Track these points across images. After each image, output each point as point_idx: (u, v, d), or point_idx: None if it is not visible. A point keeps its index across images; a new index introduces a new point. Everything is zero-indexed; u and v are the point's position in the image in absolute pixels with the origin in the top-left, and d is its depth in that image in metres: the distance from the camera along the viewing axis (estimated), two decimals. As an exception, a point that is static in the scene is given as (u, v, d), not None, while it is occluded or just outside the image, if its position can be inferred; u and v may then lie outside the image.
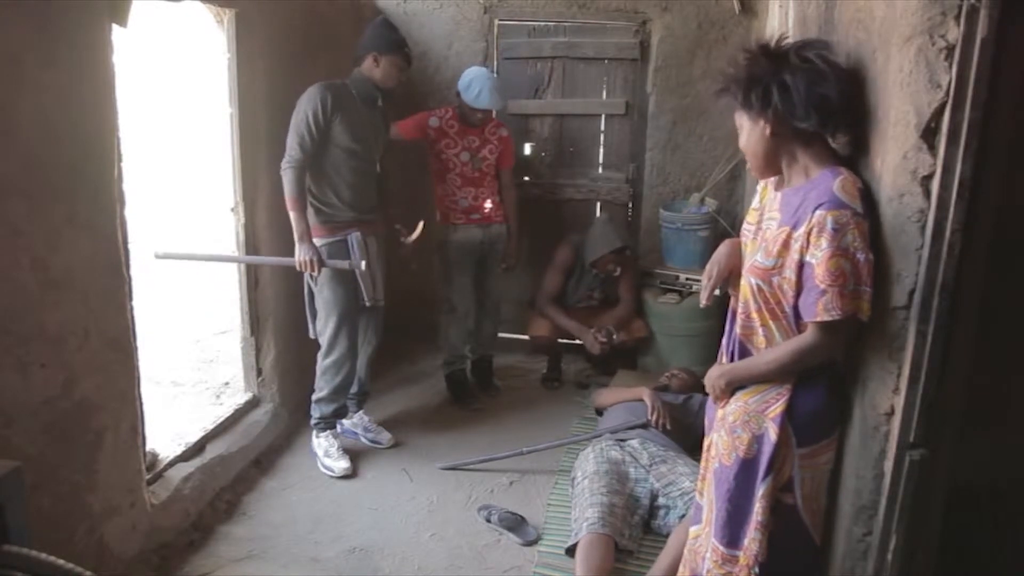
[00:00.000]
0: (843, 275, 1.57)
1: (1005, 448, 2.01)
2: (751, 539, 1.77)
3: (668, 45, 4.11)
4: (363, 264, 3.06)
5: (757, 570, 1.75)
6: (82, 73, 2.09)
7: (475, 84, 3.56)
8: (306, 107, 2.95)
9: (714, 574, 1.85)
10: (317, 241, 3.02)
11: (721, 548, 1.83)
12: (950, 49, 1.40)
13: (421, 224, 3.51)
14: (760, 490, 1.74)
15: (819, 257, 1.58)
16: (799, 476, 1.75)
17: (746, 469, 1.77)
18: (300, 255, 2.96)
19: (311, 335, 3.24)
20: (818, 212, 1.58)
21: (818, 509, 1.82)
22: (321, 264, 2.97)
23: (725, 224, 4.00)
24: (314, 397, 3.25)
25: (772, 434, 1.73)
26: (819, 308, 1.59)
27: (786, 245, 1.66)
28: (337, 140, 3.01)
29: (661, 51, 4.12)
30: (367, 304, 3.19)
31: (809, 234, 1.60)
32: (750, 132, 1.73)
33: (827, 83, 1.63)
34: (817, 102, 1.62)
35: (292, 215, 2.94)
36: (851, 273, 1.57)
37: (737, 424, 1.79)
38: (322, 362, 3.21)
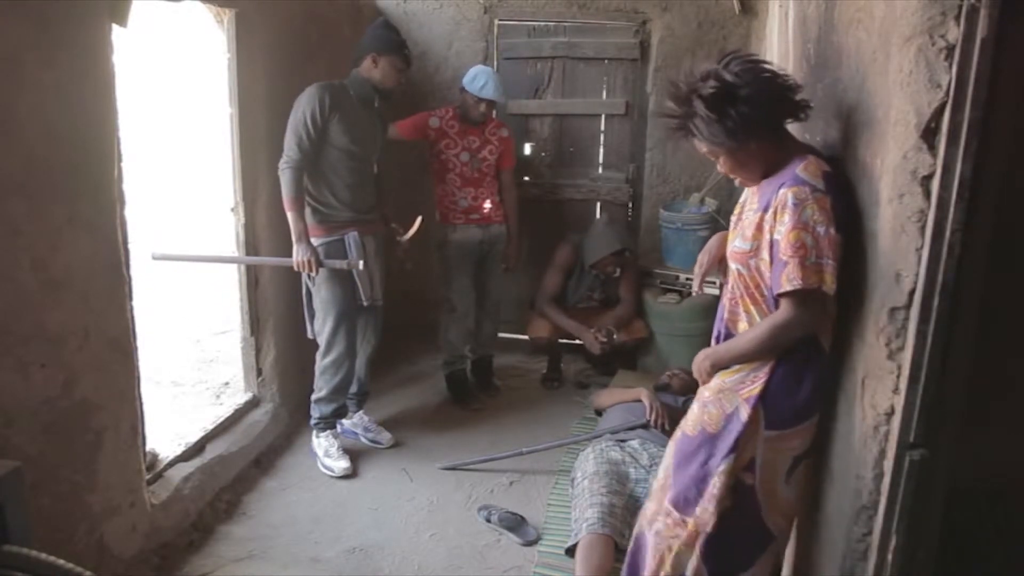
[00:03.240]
0: (803, 247, 1.66)
1: (1005, 448, 2.02)
2: (703, 509, 1.84)
3: (668, 45, 4.11)
4: (361, 264, 3.06)
5: (703, 540, 1.84)
6: (82, 73, 2.09)
7: (480, 77, 3.60)
8: (304, 107, 2.95)
9: (664, 535, 1.94)
10: (315, 241, 3.03)
11: (673, 512, 1.91)
12: (950, 49, 1.40)
13: (418, 219, 3.51)
14: (722, 466, 1.82)
15: (782, 232, 1.69)
16: (761, 458, 1.82)
17: (708, 443, 1.85)
18: (298, 255, 2.96)
19: (309, 335, 3.24)
20: (781, 191, 1.70)
21: (771, 492, 1.87)
22: (319, 264, 2.98)
23: (725, 224, 3.99)
24: (313, 397, 3.25)
25: (744, 414, 1.80)
26: (783, 279, 1.68)
27: (759, 228, 1.77)
28: (334, 140, 3.01)
29: (661, 51, 4.12)
30: (364, 304, 3.19)
31: (775, 213, 1.71)
32: (733, 155, 1.78)
33: (776, 76, 1.74)
34: (781, 95, 1.74)
35: (290, 215, 2.95)
36: (812, 246, 1.66)
37: (710, 400, 1.87)
38: (321, 362, 3.21)
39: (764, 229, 1.75)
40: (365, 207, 3.18)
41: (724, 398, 1.84)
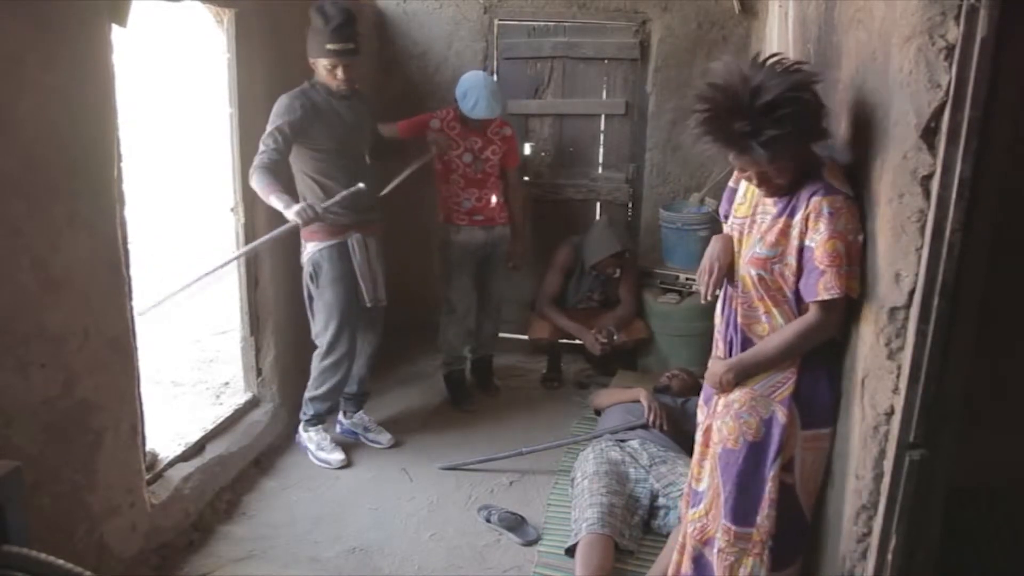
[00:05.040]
0: (839, 256, 1.68)
1: (1005, 448, 2.02)
2: (764, 516, 1.86)
3: (668, 45, 4.11)
4: (361, 184, 2.99)
5: (771, 543, 1.86)
6: (82, 73, 2.09)
7: (471, 94, 3.51)
8: (275, 118, 2.90)
9: (727, 552, 1.92)
10: (318, 245, 3.03)
11: (733, 527, 1.91)
12: (950, 49, 1.40)
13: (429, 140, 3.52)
14: (771, 471, 1.83)
15: (817, 240, 1.70)
16: (799, 457, 1.84)
17: (755, 452, 1.85)
18: (295, 214, 2.79)
19: (313, 337, 3.24)
20: (814, 199, 1.70)
21: (813, 490, 1.90)
22: (317, 214, 2.83)
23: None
24: (308, 395, 3.25)
25: (781, 416, 1.81)
26: (820, 288, 1.70)
27: (784, 234, 1.77)
28: (320, 144, 2.99)
29: (661, 51, 4.12)
30: (368, 305, 3.19)
31: (807, 220, 1.72)
32: (767, 166, 1.73)
33: (816, 102, 1.70)
34: (819, 116, 1.73)
35: (271, 200, 2.83)
36: (845, 255, 1.69)
37: (743, 410, 1.87)
38: (320, 363, 3.20)
39: (791, 235, 1.76)
40: (365, 207, 3.17)
41: (758, 404, 1.85)
